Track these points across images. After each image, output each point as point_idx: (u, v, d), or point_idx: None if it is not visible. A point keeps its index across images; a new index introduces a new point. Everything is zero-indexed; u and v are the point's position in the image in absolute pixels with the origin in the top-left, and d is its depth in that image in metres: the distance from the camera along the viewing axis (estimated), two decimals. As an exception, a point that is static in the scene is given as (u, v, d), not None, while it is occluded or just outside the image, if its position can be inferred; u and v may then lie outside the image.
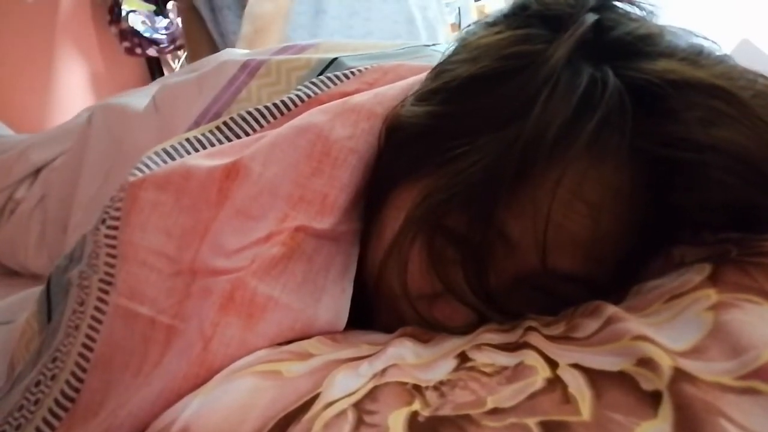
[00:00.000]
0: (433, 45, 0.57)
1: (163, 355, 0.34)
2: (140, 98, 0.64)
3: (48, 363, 0.36)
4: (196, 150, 0.41)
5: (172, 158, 0.40)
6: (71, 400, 0.34)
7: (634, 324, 0.27)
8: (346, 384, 0.28)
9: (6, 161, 0.76)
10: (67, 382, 0.34)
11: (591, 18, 0.34)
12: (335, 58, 0.49)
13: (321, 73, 0.48)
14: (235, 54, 0.60)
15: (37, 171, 0.74)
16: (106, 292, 0.36)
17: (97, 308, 0.35)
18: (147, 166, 0.39)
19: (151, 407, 0.31)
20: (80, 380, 0.34)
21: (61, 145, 0.73)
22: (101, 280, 0.36)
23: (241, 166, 0.38)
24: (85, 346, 0.35)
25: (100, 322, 0.35)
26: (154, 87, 0.66)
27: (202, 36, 1.20)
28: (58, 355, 0.36)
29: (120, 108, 0.66)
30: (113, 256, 0.36)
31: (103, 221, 0.37)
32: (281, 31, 1.00)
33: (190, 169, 0.38)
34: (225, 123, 0.43)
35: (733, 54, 0.36)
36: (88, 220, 0.55)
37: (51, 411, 0.34)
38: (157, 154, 0.40)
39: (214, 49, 1.18)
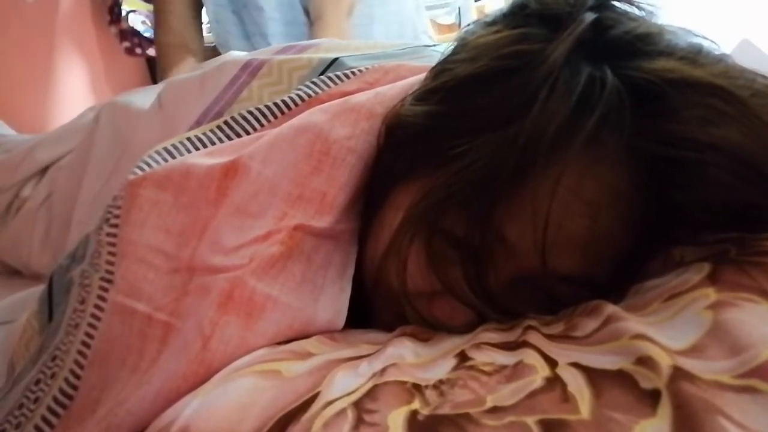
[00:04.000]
0: (434, 45, 0.57)
1: (160, 352, 0.34)
2: (147, 96, 0.65)
3: (48, 362, 0.36)
4: (197, 149, 0.41)
5: (173, 157, 0.40)
6: (69, 397, 0.34)
7: (633, 323, 0.27)
8: (346, 383, 0.28)
9: (13, 159, 0.75)
10: (66, 380, 0.35)
11: (590, 17, 0.34)
12: (336, 58, 0.49)
13: (322, 73, 0.48)
14: (238, 53, 0.60)
15: (44, 170, 0.74)
16: (106, 290, 0.36)
17: (96, 306, 0.36)
18: (147, 164, 0.39)
19: (150, 406, 0.31)
20: (78, 377, 0.34)
21: (67, 144, 0.73)
22: (102, 279, 0.36)
23: (240, 165, 0.38)
24: (84, 343, 0.35)
25: (99, 319, 0.35)
26: (162, 86, 0.66)
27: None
28: (58, 354, 0.36)
29: (126, 106, 0.66)
30: (113, 254, 0.36)
31: (107, 220, 0.37)
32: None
33: (189, 168, 0.38)
34: (225, 122, 0.43)
35: (733, 54, 0.36)
36: (90, 217, 0.55)
37: (50, 409, 0.34)
38: (157, 152, 0.40)
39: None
